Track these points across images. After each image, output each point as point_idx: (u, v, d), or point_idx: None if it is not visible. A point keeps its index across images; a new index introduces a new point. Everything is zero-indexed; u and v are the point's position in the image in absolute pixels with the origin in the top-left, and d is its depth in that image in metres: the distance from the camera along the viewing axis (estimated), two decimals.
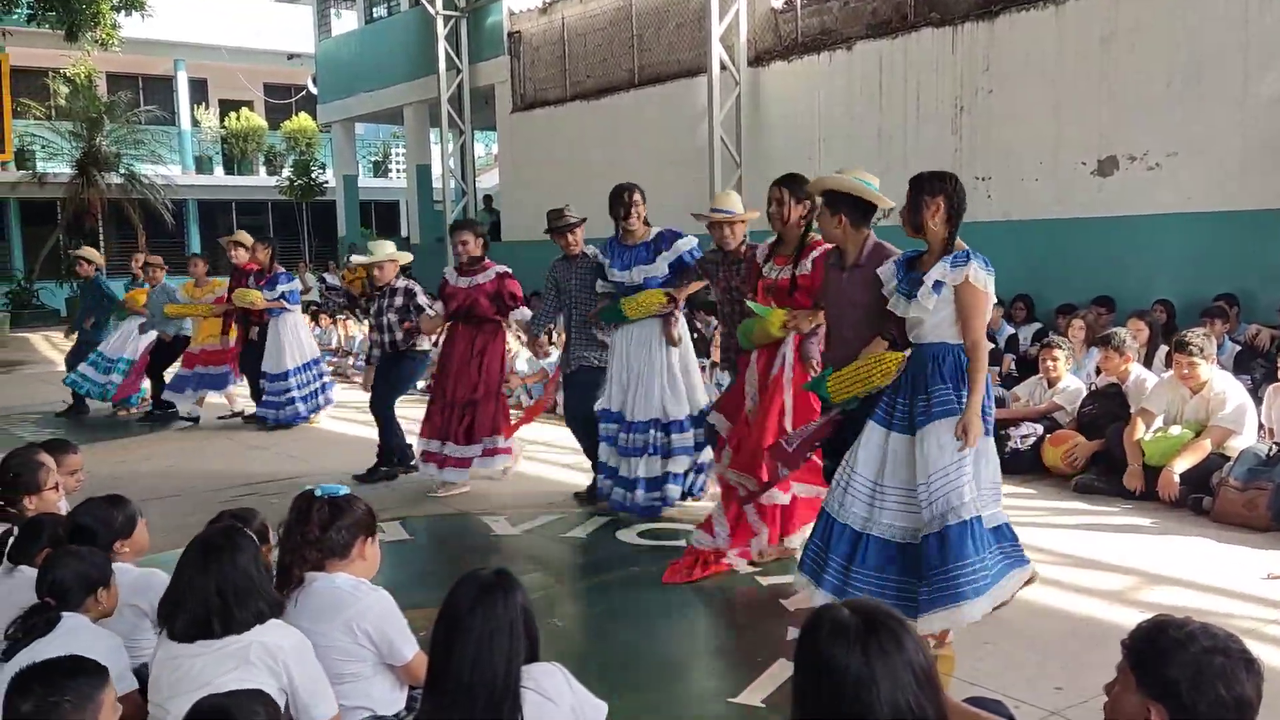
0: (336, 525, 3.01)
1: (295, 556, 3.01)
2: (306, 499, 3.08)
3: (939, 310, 3.88)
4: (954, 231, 3.93)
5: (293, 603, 2.95)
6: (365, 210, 26.00)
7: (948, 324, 3.90)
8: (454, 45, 18.02)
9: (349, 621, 2.90)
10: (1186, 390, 6.17)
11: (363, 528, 3.08)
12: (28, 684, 2.21)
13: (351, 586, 2.99)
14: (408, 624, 3.01)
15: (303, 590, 2.98)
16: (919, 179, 3.99)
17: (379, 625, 2.93)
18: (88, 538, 3.41)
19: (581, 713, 2.45)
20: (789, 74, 12.77)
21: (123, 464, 8.05)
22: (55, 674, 2.24)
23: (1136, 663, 2.03)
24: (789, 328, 4.86)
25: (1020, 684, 3.71)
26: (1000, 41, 10.53)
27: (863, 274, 4.28)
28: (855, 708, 1.75)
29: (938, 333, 3.92)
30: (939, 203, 3.90)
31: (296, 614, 2.92)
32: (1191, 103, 9.12)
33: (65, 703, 2.17)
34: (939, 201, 3.90)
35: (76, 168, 22.48)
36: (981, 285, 3.84)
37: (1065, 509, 6.14)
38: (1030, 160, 10.30)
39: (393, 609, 3.00)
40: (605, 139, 15.13)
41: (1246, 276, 8.73)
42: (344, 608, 2.92)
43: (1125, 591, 4.70)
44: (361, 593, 2.98)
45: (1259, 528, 5.48)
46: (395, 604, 3.03)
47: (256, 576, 2.75)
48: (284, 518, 3.09)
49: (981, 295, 3.85)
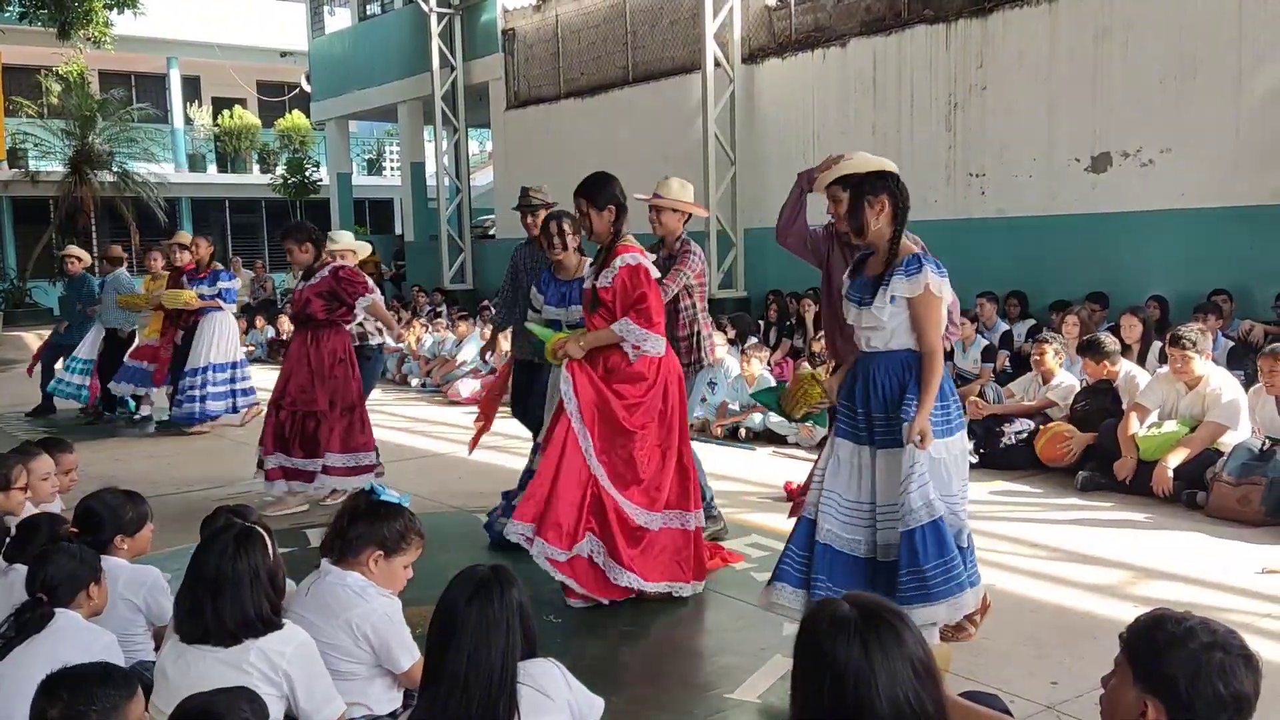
0: (357, 525, 3.06)
1: (328, 545, 3.10)
2: (362, 497, 3.20)
3: (895, 318, 3.66)
4: (899, 231, 3.72)
5: (304, 590, 2.98)
6: (359, 208, 25.97)
7: (904, 331, 3.68)
8: (448, 42, 17.99)
9: (351, 621, 2.91)
10: (1182, 385, 6.19)
11: (378, 541, 3.06)
12: (56, 689, 2.18)
13: (360, 588, 3.01)
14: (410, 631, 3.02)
15: (316, 580, 3.00)
16: (859, 181, 3.79)
17: (380, 631, 2.94)
18: (93, 523, 3.42)
19: (578, 709, 2.45)
20: (783, 71, 12.77)
21: (118, 462, 8.02)
22: (85, 681, 2.21)
23: (1134, 657, 2.02)
24: (559, 356, 4.58)
25: (1016, 678, 3.72)
26: (994, 38, 10.54)
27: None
28: (855, 702, 1.75)
29: (898, 339, 3.70)
30: (883, 201, 3.68)
31: (303, 602, 2.94)
32: (1185, 99, 9.14)
33: (92, 711, 2.15)
34: (883, 200, 3.68)
35: (69, 166, 22.42)
36: (938, 292, 3.64)
37: (1060, 504, 6.15)
38: (1024, 157, 10.31)
39: (397, 617, 3.01)
40: (599, 136, 15.11)
41: (1240, 272, 8.75)
42: (349, 607, 2.94)
43: (1120, 586, 4.71)
44: (369, 596, 2.99)
45: (1252, 522, 5.50)
46: (401, 613, 3.03)
47: (261, 583, 2.72)
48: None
49: (937, 302, 3.65)
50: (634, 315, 4.55)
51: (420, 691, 2.39)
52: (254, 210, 28.39)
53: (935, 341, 3.66)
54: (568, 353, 4.56)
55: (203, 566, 2.71)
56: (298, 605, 2.99)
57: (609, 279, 4.59)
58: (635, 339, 4.57)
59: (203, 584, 2.69)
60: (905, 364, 3.70)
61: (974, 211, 10.71)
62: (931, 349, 3.65)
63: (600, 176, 4.76)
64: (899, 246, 3.69)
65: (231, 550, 2.71)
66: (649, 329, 4.57)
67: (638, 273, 4.60)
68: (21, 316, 22.68)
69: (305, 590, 3.01)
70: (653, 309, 4.59)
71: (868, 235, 3.72)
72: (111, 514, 3.49)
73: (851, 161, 4.08)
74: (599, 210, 4.66)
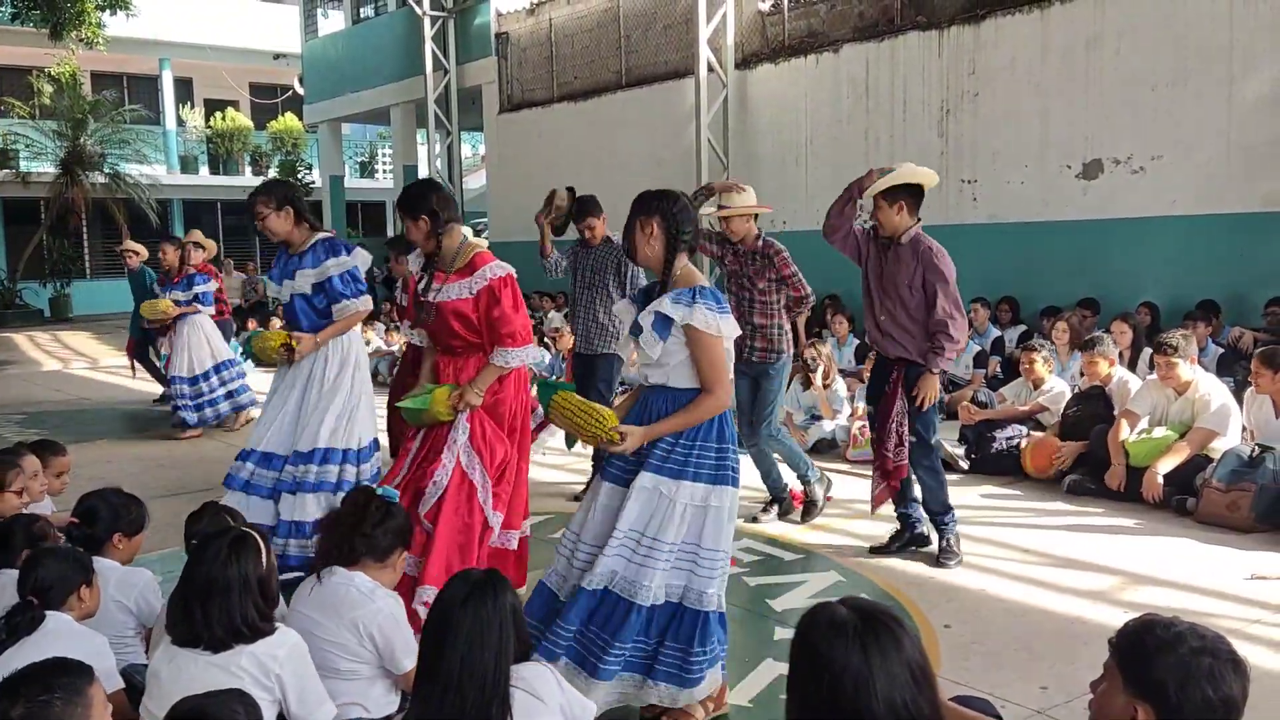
0: (386, 527, 3.12)
1: (339, 547, 3.07)
2: (366, 494, 3.23)
3: (671, 354, 3.32)
4: (671, 259, 3.39)
5: (307, 589, 2.98)
6: (352, 211, 25.93)
7: (685, 369, 3.33)
8: (441, 46, 17.99)
9: (356, 620, 2.93)
10: (1171, 392, 6.22)
11: (403, 538, 3.20)
12: (14, 690, 2.18)
13: (368, 589, 3.03)
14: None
15: (320, 581, 3.01)
16: (640, 197, 3.47)
17: (384, 631, 2.97)
18: (90, 519, 3.45)
19: (570, 712, 2.46)
20: (776, 76, 12.80)
21: (108, 464, 8.00)
22: (40, 674, 2.22)
23: (1124, 662, 2.04)
24: (459, 408, 4.16)
25: (1006, 683, 3.73)
26: (986, 45, 10.58)
27: (908, 250, 4.96)
28: (853, 705, 1.75)
29: (676, 378, 3.35)
30: (653, 225, 3.38)
31: (307, 602, 2.95)
32: (1176, 106, 9.18)
33: (56, 700, 2.15)
34: (653, 223, 3.38)
35: (61, 167, 22.35)
36: (708, 329, 3.25)
37: (1049, 510, 6.17)
38: (1015, 163, 10.36)
39: (402, 618, 3.04)
40: (592, 140, 15.13)
41: (1231, 279, 8.79)
42: (355, 607, 2.96)
43: (1110, 591, 4.72)
44: (376, 596, 3.03)
45: (1242, 529, 5.52)
46: (405, 614, 3.07)
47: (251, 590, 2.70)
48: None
49: (711, 340, 3.26)
50: (507, 340, 4.19)
51: (414, 693, 2.39)
52: (246, 212, 28.32)
53: (716, 384, 3.32)
54: (469, 404, 4.15)
55: (195, 571, 2.71)
56: (301, 604, 3.02)
57: (469, 291, 4.20)
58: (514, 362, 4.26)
59: (194, 588, 2.68)
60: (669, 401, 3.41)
61: (966, 217, 10.75)
62: (711, 386, 3.32)
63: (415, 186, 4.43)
64: (671, 275, 3.39)
65: (224, 556, 2.70)
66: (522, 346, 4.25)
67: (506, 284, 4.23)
68: (12, 318, 22.60)
69: (309, 589, 3.02)
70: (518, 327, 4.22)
71: (639, 260, 3.47)
72: (113, 512, 3.54)
73: (895, 174, 4.88)
74: (416, 221, 4.29)
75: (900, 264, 4.99)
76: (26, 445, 4.60)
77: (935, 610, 4.51)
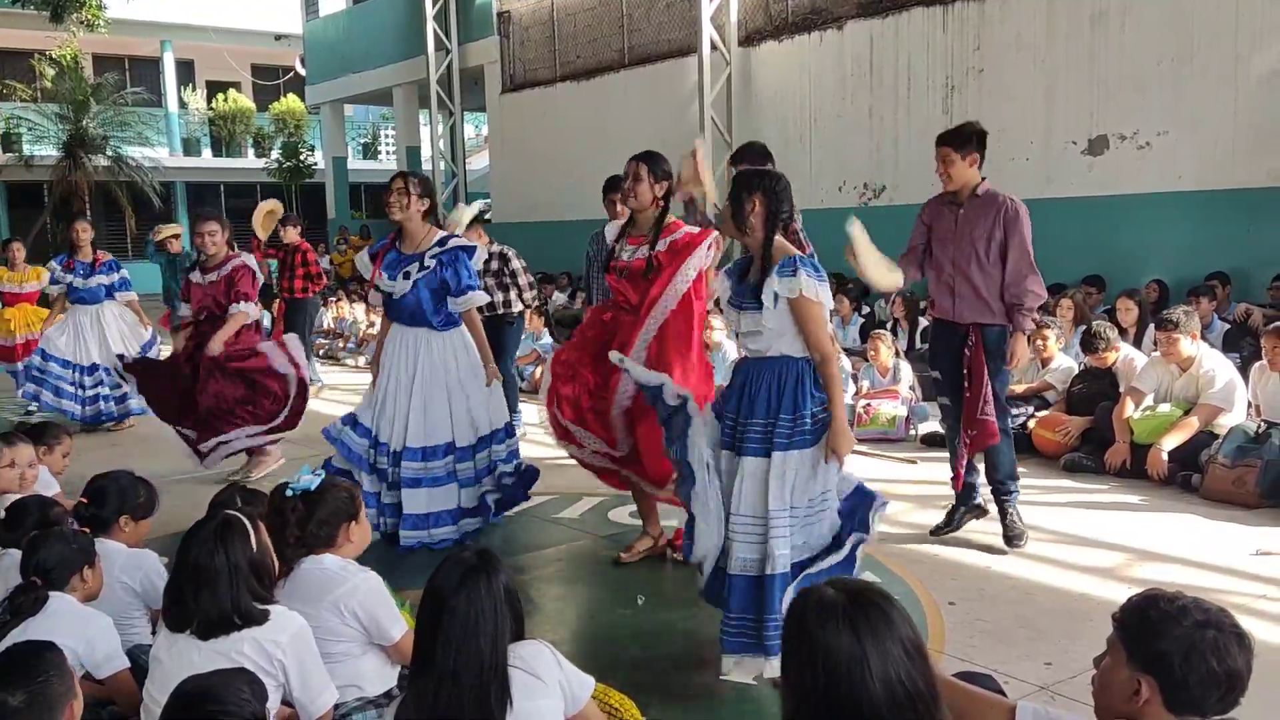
0: (315, 519, 2.99)
1: (281, 554, 2.98)
2: (278, 497, 3.04)
3: (776, 319, 3.51)
4: (771, 234, 3.58)
5: (281, 586, 2.94)
6: (355, 192, 25.88)
7: (790, 336, 3.54)
8: (443, 26, 17.91)
9: (336, 601, 2.89)
10: (1176, 368, 6.20)
11: (344, 515, 3.04)
12: (4, 680, 2.19)
13: (339, 567, 2.98)
14: (396, 604, 3.01)
15: (290, 575, 2.97)
16: (742, 175, 3.69)
17: (367, 605, 2.92)
18: (99, 500, 3.45)
19: (569, 689, 2.45)
20: (780, 54, 12.73)
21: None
22: (23, 659, 2.23)
23: (1127, 636, 2.03)
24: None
25: (1011, 659, 3.73)
26: (991, 20, 10.50)
27: (980, 204, 4.85)
28: (848, 685, 1.75)
29: (779, 346, 3.56)
30: (755, 200, 3.56)
31: (285, 597, 2.91)
32: (1182, 82, 9.12)
33: (52, 677, 2.16)
34: (755, 199, 3.56)
35: (63, 150, 22.30)
36: (815, 297, 3.48)
37: (1054, 487, 6.16)
38: (1021, 140, 10.29)
39: (380, 589, 2.99)
40: (595, 120, 15.07)
41: (1237, 255, 8.75)
42: (332, 588, 2.92)
43: (1115, 568, 4.72)
44: (349, 573, 2.97)
45: (1247, 504, 5.51)
46: (383, 584, 3.02)
47: (242, 576, 2.69)
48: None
49: (816, 307, 3.49)
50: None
51: (411, 678, 2.37)
52: (249, 194, 28.25)
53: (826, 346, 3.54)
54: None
55: (185, 558, 2.70)
56: (279, 598, 2.94)
57: (664, 247, 4.56)
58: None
59: (185, 575, 2.68)
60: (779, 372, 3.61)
61: None
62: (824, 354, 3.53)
63: (656, 153, 4.74)
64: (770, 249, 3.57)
65: (210, 544, 2.68)
66: None
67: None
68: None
69: (281, 585, 2.94)
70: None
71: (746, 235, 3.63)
72: (121, 494, 3.54)
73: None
74: (657, 180, 4.62)
75: (975, 219, 4.85)
76: (28, 427, 4.59)
77: (939, 588, 4.50)
